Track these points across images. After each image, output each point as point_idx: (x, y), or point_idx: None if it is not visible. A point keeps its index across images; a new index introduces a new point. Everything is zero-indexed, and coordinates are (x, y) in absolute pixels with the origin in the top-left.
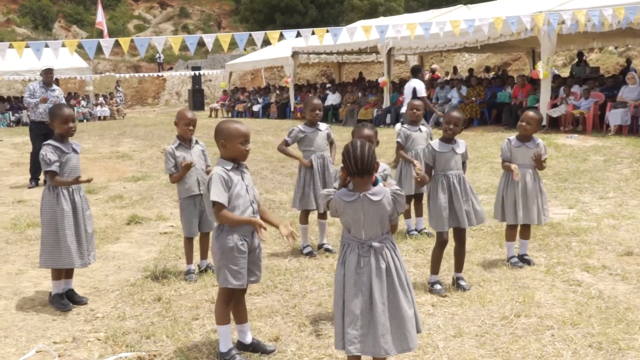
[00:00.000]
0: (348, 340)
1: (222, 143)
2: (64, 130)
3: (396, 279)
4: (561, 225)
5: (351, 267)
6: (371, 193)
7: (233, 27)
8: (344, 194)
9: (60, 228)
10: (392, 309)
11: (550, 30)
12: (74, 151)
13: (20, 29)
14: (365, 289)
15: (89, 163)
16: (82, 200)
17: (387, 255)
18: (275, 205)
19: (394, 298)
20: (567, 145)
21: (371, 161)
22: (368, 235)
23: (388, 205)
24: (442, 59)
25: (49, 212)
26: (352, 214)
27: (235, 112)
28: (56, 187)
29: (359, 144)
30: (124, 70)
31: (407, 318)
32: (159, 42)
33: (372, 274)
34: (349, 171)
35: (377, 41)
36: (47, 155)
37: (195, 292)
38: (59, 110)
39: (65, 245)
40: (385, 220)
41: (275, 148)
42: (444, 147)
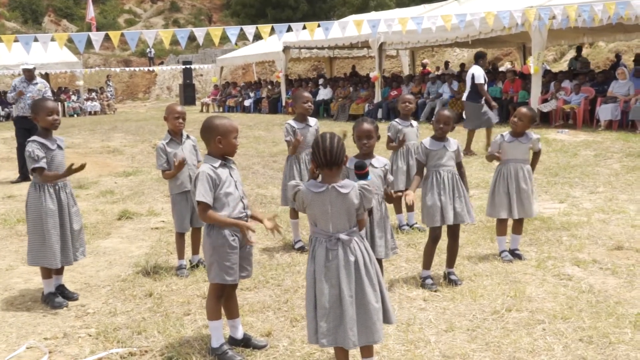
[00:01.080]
0: (321, 333)
1: (218, 139)
2: (47, 123)
3: (364, 273)
4: (552, 220)
5: (320, 261)
6: (340, 185)
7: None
8: (313, 185)
9: (45, 228)
10: (359, 302)
11: (541, 25)
12: (58, 147)
13: (9, 23)
14: (334, 282)
15: (79, 158)
16: (68, 197)
17: (356, 249)
18: (267, 200)
19: (361, 291)
20: (557, 140)
21: (340, 153)
22: (336, 228)
23: (355, 199)
24: (434, 53)
25: (34, 210)
26: (320, 205)
27: (226, 107)
28: (42, 184)
29: (328, 136)
30: (114, 64)
31: (373, 311)
32: (149, 36)
33: (339, 267)
34: (317, 163)
35: (369, 36)
36: (35, 151)
37: (187, 288)
38: (42, 102)
39: (49, 245)
40: (352, 214)
41: (267, 143)
42: (436, 145)
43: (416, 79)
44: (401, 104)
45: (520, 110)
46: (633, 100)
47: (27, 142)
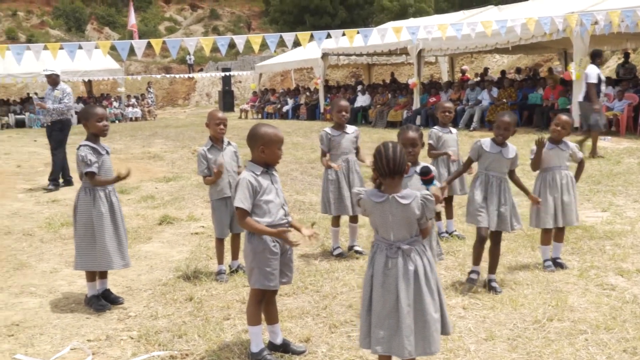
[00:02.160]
0: (375, 339)
1: (261, 149)
2: (97, 129)
3: (423, 282)
4: (594, 229)
5: (379, 268)
6: (400, 196)
7: (262, 29)
8: (374, 194)
9: (98, 230)
10: (418, 312)
11: (583, 31)
12: (107, 152)
13: (53, 31)
14: (392, 290)
15: (120, 163)
16: (117, 200)
17: (416, 258)
18: (305, 207)
19: (420, 301)
20: (600, 148)
21: (402, 162)
22: (396, 237)
23: (417, 210)
24: (473, 60)
25: (85, 214)
26: (380, 215)
27: (265, 114)
28: (93, 189)
29: (390, 145)
30: (155, 71)
31: (431, 322)
32: (190, 44)
33: (399, 275)
34: (379, 172)
35: (408, 42)
36: (87, 156)
37: (227, 293)
38: (92, 109)
39: (102, 248)
40: (413, 224)
41: (305, 149)
42: (493, 148)
43: (455, 86)
44: (441, 113)
45: (562, 118)
46: None
47: (78, 147)
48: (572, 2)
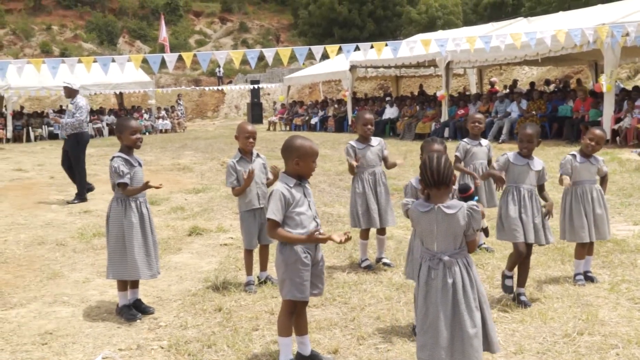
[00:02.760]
0: (419, 346)
1: (296, 161)
2: (131, 142)
3: (461, 297)
4: (626, 242)
5: (423, 279)
6: (446, 206)
7: (291, 41)
8: (420, 204)
9: (128, 240)
10: (455, 326)
11: (614, 42)
12: (139, 164)
13: (86, 44)
14: (433, 302)
15: (151, 175)
16: (149, 211)
17: (456, 271)
18: (333, 219)
19: (457, 315)
20: (631, 160)
21: (447, 173)
22: (440, 248)
23: (462, 220)
24: (502, 72)
25: (116, 224)
26: (426, 224)
27: (293, 126)
28: (124, 199)
29: (436, 156)
30: (185, 84)
31: (466, 337)
32: (220, 57)
33: (437, 287)
34: (425, 182)
35: (436, 55)
36: (120, 167)
37: (255, 303)
38: (126, 122)
39: (131, 258)
40: (458, 235)
41: (333, 162)
42: (519, 161)
43: (484, 98)
44: (470, 124)
45: (596, 132)
46: None
47: (112, 158)
48: (603, 14)
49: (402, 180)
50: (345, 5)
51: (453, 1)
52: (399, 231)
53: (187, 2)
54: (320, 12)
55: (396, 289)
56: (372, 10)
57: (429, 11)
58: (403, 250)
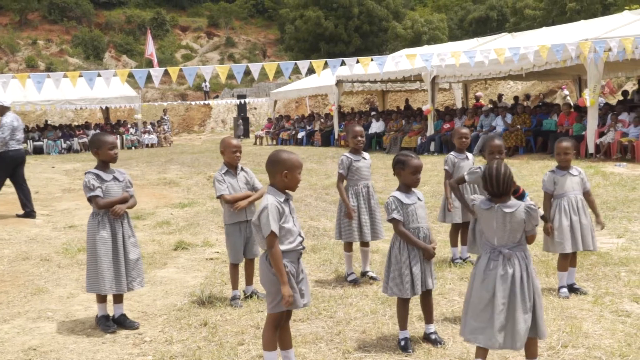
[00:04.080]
0: (469, 329)
1: (285, 173)
2: (109, 157)
3: (518, 285)
4: (609, 255)
5: (481, 267)
6: (505, 206)
7: (278, 56)
8: (483, 202)
9: (98, 255)
10: (510, 311)
11: (597, 57)
12: (114, 179)
13: (72, 59)
14: (489, 289)
15: (137, 189)
16: (124, 227)
17: (515, 263)
18: (319, 233)
19: (512, 302)
20: (615, 174)
21: (508, 185)
22: (500, 242)
23: (519, 217)
24: (487, 86)
25: (90, 238)
26: (487, 221)
27: (279, 140)
28: (98, 213)
29: (495, 167)
30: (171, 98)
31: (519, 321)
32: (207, 71)
33: (497, 277)
34: (488, 192)
35: (422, 69)
36: (90, 181)
37: (241, 318)
38: (103, 137)
39: (100, 272)
40: (517, 231)
41: (319, 176)
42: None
43: (469, 112)
44: (457, 139)
45: (562, 145)
46: None
47: (84, 174)
48: (586, 30)
49: (388, 193)
50: (331, 20)
51: (438, 17)
52: (385, 245)
53: (174, 17)
54: (306, 27)
55: (382, 302)
56: (358, 26)
57: (415, 26)
58: None
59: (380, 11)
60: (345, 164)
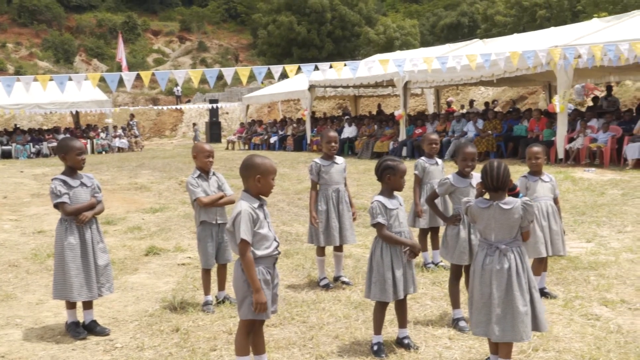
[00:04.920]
0: (473, 323)
1: (257, 178)
2: (76, 162)
3: (514, 279)
4: (579, 259)
5: (479, 264)
6: (503, 202)
7: (250, 61)
8: (480, 202)
9: (65, 261)
10: (508, 304)
11: (567, 64)
12: (82, 185)
13: (42, 63)
14: (487, 283)
15: (107, 194)
16: (93, 233)
17: (511, 257)
18: (292, 238)
19: (510, 295)
20: (584, 179)
21: (505, 179)
22: (497, 238)
23: (517, 214)
24: (459, 92)
25: (58, 244)
26: (485, 219)
27: (252, 145)
28: (65, 219)
29: (496, 164)
30: (142, 102)
31: (517, 314)
32: (179, 76)
33: (493, 271)
34: (486, 186)
35: (394, 75)
36: (57, 187)
37: (213, 323)
38: (71, 142)
39: (68, 279)
40: (514, 227)
41: (291, 180)
42: (461, 182)
43: (441, 117)
44: (427, 145)
45: (532, 150)
46: None
47: (51, 180)
48: (556, 36)
49: (361, 198)
50: (304, 25)
51: (410, 22)
52: (358, 249)
53: (146, 20)
54: (279, 32)
55: (354, 307)
56: (330, 31)
57: (387, 32)
58: (362, 268)
59: (352, 16)
60: (314, 170)
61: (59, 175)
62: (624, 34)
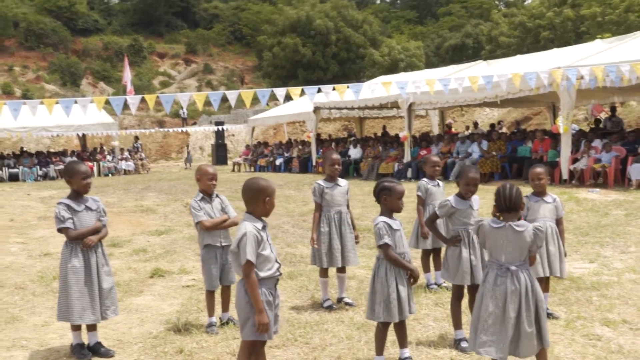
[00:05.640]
0: (478, 344)
1: (266, 200)
2: (82, 186)
3: (523, 300)
4: (582, 280)
5: (489, 284)
6: (516, 224)
7: (256, 83)
8: (493, 221)
9: (69, 284)
10: (517, 325)
11: (569, 85)
12: (87, 209)
13: (49, 86)
14: (499, 304)
15: (113, 217)
16: (98, 256)
17: (521, 279)
18: (296, 259)
19: (518, 315)
20: (588, 200)
21: (518, 201)
22: (507, 259)
23: (528, 237)
24: (463, 113)
25: (63, 267)
26: (497, 239)
27: (257, 167)
28: (72, 243)
29: (508, 186)
30: (148, 125)
31: (523, 333)
32: (184, 99)
33: (507, 292)
34: (499, 208)
35: (398, 96)
36: (61, 212)
37: (217, 345)
38: (77, 166)
39: (71, 302)
40: (524, 250)
41: (296, 202)
42: (462, 204)
43: (445, 139)
44: (430, 167)
45: (535, 171)
46: None
47: (56, 204)
48: (559, 58)
49: (366, 220)
50: (309, 47)
51: (415, 44)
52: (361, 271)
53: (152, 43)
54: (284, 54)
55: (357, 328)
56: (335, 53)
57: (392, 54)
58: (365, 289)
59: (357, 38)
60: (317, 192)
61: (64, 199)
62: (626, 55)
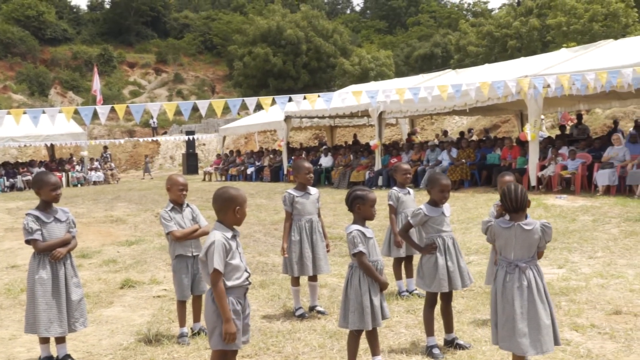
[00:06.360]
0: (500, 337)
1: (237, 210)
2: (51, 197)
3: (536, 294)
4: (550, 285)
5: (500, 282)
6: (524, 223)
7: (227, 92)
8: (502, 222)
9: (36, 296)
10: (532, 319)
11: (536, 93)
12: (56, 220)
13: (16, 96)
14: (509, 300)
15: (83, 227)
16: (66, 268)
17: (530, 275)
18: (268, 268)
19: (534, 309)
20: (556, 206)
21: (524, 201)
22: (516, 257)
23: (537, 235)
24: (433, 121)
25: (30, 279)
26: (506, 238)
27: (229, 176)
28: (40, 254)
29: (514, 187)
30: (118, 135)
31: (543, 326)
32: (154, 108)
33: (514, 288)
34: (505, 208)
35: (368, 105)
36: (29, 224)
37: (188, 355)
38: (46, 177)
39: (38, 314)
40: (533, 247)
41: (268, 211)
42: (434, 211)
43: (416, 147)
44: (401, 175)
45: (504, 179)
46: (630, 166)
47: (25, 215)
48: (526, 66)
49: (337, 228)
50: (280, 57)
51: (385, 53)
52: (333, 279)
53: (122, 53)
54: (255, 63)
55: (330, 336)
56: (306, 62)
57: (362, 63)
58: (337, 298)
59: (327, 48)
60: (288, 201)
61: (33, 210)
62: (591, 64)
